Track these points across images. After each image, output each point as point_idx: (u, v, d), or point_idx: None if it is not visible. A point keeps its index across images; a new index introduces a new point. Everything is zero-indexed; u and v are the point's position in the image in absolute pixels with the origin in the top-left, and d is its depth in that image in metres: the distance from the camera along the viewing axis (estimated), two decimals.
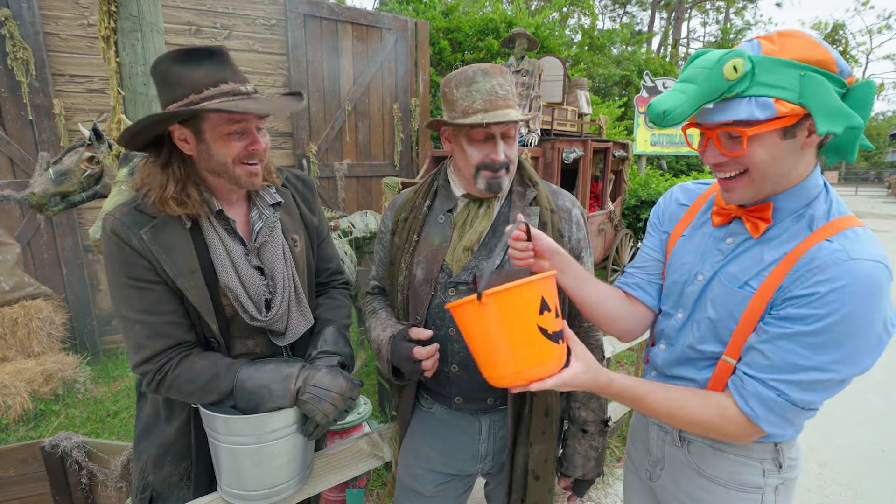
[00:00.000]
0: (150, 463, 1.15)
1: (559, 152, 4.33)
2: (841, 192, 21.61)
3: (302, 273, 1.22)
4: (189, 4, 4.30)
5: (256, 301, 1.11)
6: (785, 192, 0.87)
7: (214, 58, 0.99)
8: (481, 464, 1.26)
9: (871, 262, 0.76)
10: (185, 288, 1.03)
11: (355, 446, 1.33)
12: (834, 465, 2.76)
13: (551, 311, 0.83)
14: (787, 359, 0.81)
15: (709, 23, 35.92)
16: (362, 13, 5.26)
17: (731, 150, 0.83)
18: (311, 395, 1.03)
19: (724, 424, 0.87)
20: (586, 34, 14.50)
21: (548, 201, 1.18)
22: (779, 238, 0.88)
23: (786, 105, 0.76)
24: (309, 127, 5.04)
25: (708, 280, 0.97)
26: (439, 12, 7.78)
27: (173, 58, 0.97)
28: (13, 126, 3.75)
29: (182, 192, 1.02)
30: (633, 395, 0.91)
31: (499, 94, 1.07)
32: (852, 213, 0.85)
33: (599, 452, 1.28)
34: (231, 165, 1.03)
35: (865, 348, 0.77)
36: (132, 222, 1.00)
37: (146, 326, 1.01)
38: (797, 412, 0.83)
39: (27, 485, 2.01)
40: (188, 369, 1.03)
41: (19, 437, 3.01)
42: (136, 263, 1.00)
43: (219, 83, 0.98)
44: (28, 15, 3.66)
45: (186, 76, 0.96)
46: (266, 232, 1.14)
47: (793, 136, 0.80)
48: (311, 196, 1.32)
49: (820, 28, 35.07)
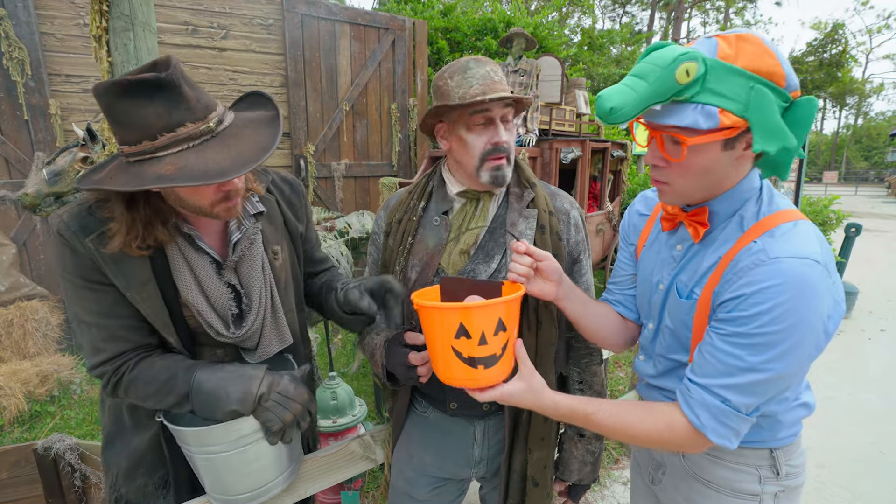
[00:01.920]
0: (120, 475, 1.10)
1: (557, 152, 4.32)
2: (841, 191, 21.61)
3: (283, 287, 1.14)
4: (185, 4, 4.29)
5: (223, 316, 1.03)
6: (720, 197, 0.87)
7: (164, 92, 0.82)
8: (475, 468, 1.25)
9: (795, 260, 0.75)
10: (136, 300, 0.95)
11: (347, 448, 1.31)
12: (832, 466, 2.75)
13: (472, 339, 0.83)
14: (726, 361, 0.81)
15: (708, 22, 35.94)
16: (360, 13, 5.25)
17: (672, 154, 0.83)
18: (273, 403, 0.96)
19: (672, 436, 0.86)
20: (586, 34, 14.49)
21: (546, 203, 1.16)
22: (716, 242, 0.88)
23: (729, 117, 0.75)
24: (307, 127, 5.02)
25: (667, 288, 0.97)
26: (437, 12, 7.77)
27: (116, 90, 0.81)
28: (8, 126, 3.73)
29: (147, 234, 0.92)
30: (581, 414, 0.90)
31: (494, 78, 1.07)
32: (786, 208, 0.84)
33: (596, 457, 1.27)
34: (207, 208, 0.94)
35: (801, 346, 0.77)
36: (78, 227, 0.92)
37: (102, 329, 0.95)
38: (741, 419, 0.82)
39: (20, 487, 1.99)
40: (146, 369, 0.97)
41: (14, 438, 2.99)
42: (86, 265, 0.93)
43: (174, 127, 0.83)
44: (24, 15, 3.65)
45: (136, 115, 0.82)
46: (245, 245, 1.06)
47: (731, 148, 0.80)
48: (299, 201, 1.24)
49: (820, 27, 35.08)
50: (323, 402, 2.15)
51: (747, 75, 0.74)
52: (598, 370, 1.26)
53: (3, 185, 3.68)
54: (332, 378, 2.24)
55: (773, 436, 0.95)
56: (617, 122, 0.79)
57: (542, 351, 1.12)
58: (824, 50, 34.94)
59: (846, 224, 5.50)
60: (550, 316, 1.12)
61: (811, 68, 34.69)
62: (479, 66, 1.08)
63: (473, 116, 1.07)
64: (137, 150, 0.85)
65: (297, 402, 0.98)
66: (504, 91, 1.06)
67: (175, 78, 0.83)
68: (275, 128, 0.94)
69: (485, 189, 1.15)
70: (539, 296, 1.00)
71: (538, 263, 0.97)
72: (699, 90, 0.75)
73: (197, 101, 0.87)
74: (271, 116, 0.98)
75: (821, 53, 35.07)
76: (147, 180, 0.83)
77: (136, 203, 0.92)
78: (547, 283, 1.00)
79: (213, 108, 0.90)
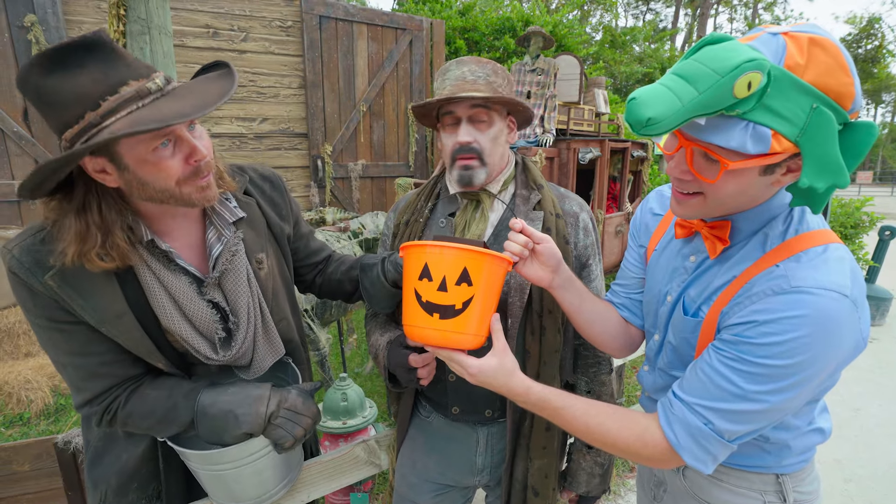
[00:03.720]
0: (111, 492, 1.02)
1: (575, 152, 4.25)
2: (876, 192, 20.75)
3: (271, 298, 1.06)
4: (207, 7, 4.37)
5: (210, 338, 0.96)
6: (745, 213, 0.78)
7: (97, 52, 0.72)
8: (478, 476, 1.22)
9: (821, 291, 0.66)
10: (113, 335, 0.86)
11: (352, 453, 1.30)
12: (860, 481, 2.62)
13: (433, 282, 0.82)
14: (719, 383, 0.74)
15: (736, 18, 35.02)
16: (377, 13, 5.26)
17: (703, 172, 0.71)
18: (283, 420, 0.93)
19: (642, 447, 0.80)
20: (608, 31, 14.27)
21: (553, 205, 1.13)
22: (732, 259, 0.81)
23: (782, 142, 0.63)
24: (324, 128, 5.07)
25: (675, 301, 0.90)
26: (455, 11, 7.75)
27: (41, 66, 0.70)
28: (38, 128, 3.86)
29: (105, 241, 0.80)
30: (552, 407, 0.83)
31: (467, 79, 1.07)
32: (818, 229, 0.75)
33: (605, 469, 1.23)
34: (175, 188, 0.81)
35: (806, 384, 0.70)
36: (33, 263, 0.80)
37: (79, 369, 0.87)
38: (721, 445, 0.76)
39: (41, 479, 2.05)
40: (140, 405, 0.90)
41: (40, 430, 3.10)
42: (47, 305, 0.82)
43: (116, 87, 0.73)
44: (53, 20, 3.77)
45: (69, 88, 0.71)
46: (227, 257, 0.95)
47: (771, 173, 0.70)
48: (281, 198, 1.13)
49: (854, 22, 33.77)
50: (333, 404, 2.16)
51: (813, 93, 0.62)
52: (607, 380, 1.22)
53: None
54: (343, 379, 2.25)
55: (779, 462, 0.89)
56: (651, 133, 0.64)
57: (545, 358, 1.09)
58: (859, 45, 33.62)
59: (880, 227, 5.26)
60: (555, 322, 1.09)
61: None
62: (457, 68, 1.08)
63: (444, 117, 1.10)
64: (81, 128, 0.73)
65: (307, 416, 0.96)
66: (473, 91, 1.05)
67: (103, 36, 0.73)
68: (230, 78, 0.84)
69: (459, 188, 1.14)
70: (533, 280, 0.95)
71: (535, 245, 0.92)
72: (754, 106, 0.62)
73: (135, 61, 0.77)
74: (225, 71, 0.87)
75: (855, 49, 33.75)
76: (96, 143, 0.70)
77: (89, 207, 0.80)
78: (543, 268, 0.93)
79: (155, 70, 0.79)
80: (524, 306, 1.07)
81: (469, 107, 1.06)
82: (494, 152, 1.10)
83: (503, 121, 1.12)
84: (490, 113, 1.08)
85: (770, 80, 0.61)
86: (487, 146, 1.08)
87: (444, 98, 1.04)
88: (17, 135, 3.80)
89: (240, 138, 4.71)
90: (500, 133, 1.11)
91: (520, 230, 0.91)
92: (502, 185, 1.16)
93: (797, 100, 0.62)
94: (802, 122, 0.62)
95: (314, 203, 5.05)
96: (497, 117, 1.10)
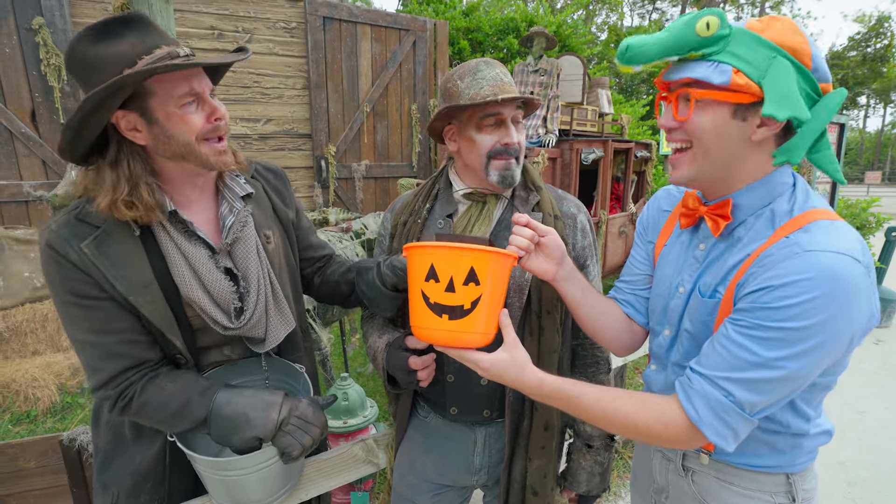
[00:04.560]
0: (122, 494, 1.04)
1: (578, 153, 4.24)
2: (884, 192, 20.52)
3: (278, 271, 1.11)
4: (212, 9, 4.40)
5: (226, 309, 1.01)
6: (745, 188, 0.82)
7: (134, 25, 0.85)
8: (476, 476, 1.23)
9: (832, 254, 0.69)
10: (140, 304, 0.92)
11: (350, 452, 1.31)
12: (864, 484, 2.61)
13: (440, 283, 0.82)
14: (736, 353, 0.75)
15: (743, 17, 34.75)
16: (381, 14, 5.28)
17: (682, 114, 0.81)
18: (293, 428, 0.96)
19: (662, 428, 0.79)
20: (613, 31, 14.20)
21: (551, 207, 1.14)
22: (743, 240, 0.83)
23: (742, 78, 0.74)
24: (328, 128, 5.09)
25: (689, 292, 0.91)
26: (459, 12, 7.75)
27: (88, 38, 0.83)
28: (46, 129, 3.91)
29: (132, 192, 0.89)
30: (567, 396, 0.84)
31: (504, 80, 1.07)
32: (822, 207, 0.79)
33: (605, 468, 1.24)
34: (195, 144, 0.91)
35: (822, 348, 0.71)
36: (70, 234, 0.88)
37: (97, 347, 0.91)
38: (742, 419, 0.76)
39: (47, 476, 2.08)
40: (156, 395, 0.93)
41: (47, 428, 3.13)
42: (76, 279, 0.89)
43: (151, 49, 0.84)
44: (60, 22, 3.81)
45: (110, 53, 0.82)
46: (238, 227, 1.03)
47: (742, 119, 0.77)
48: (285, 188, 1.21)
49: (863, 20, 33.44)
50: (334, 403, 2.17)
51: (771, 46, 0.73)
52: (606, 380, 1.22)
53: (41, 185, 3.86)
54: (344, 379, 2.26)
55: (791, 461, 0.89)
56: (633, 62, 0.80)
57: (543, 358, 1.09)
58: (868, 44, 33.28)
59: (887, 228, 5.22)
60: (553, 322, 1.09)
61: (853, 63, 33.10)
62: (489, 68, 1.08)
63: (485, 118, 1.07)
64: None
65: (317, 426, 0.98)
66: (514, 92, 1.06)
67: (142, 14, 0.88)
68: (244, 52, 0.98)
69: (493, 190, 1.14)
70: (538, 273, 0.95)
71: (540, 238, 0.93)
72: (719, 49, 0.75)
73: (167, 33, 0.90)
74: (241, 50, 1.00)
75: (864, 48, 33.41)
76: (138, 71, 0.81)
77: (120, 161, 0.90)
78: (548, 260, 0.94)
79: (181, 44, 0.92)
80: (523, 307, 1.08)
81: (514, 107, 1.08)
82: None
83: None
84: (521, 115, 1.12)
85: (731, 32, 0.75)
86: (524, 146, 1.13)
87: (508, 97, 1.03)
88: (25, 136, 3.84)
89: (244, 139, 4.74)
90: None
91: (525, 224, 0.92)
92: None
93: (758, 50, 0.74)
94: (763, 66, 0.73)
95: (318, 203, 5.08)
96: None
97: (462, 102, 1.05)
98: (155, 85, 0.86)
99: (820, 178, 4.63)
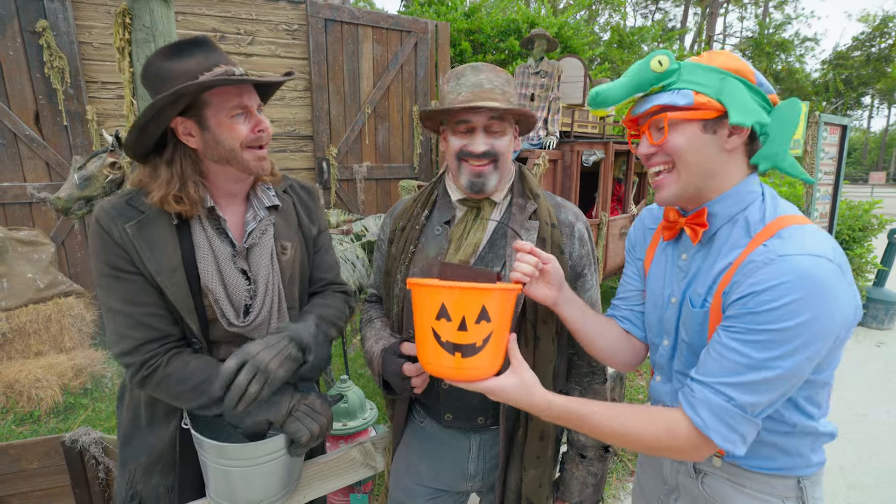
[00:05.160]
0: (138, 472, 1.13)
1: (578, 155, 4.24)
2: (888, 193, 20.42)
3: (287, 283, 1.18)
4: (214, 12, 4.42)
5: (237, 305, 1.10)
6: (718, 198, 0.88)
7: (202, 46, 1.01)
8: (471, 482, 1.24)
9: (805, 257, 0.74)
10: (165, 285, 1.02)
11: (347, 455, 1.32)
12: (866, 489, 2.60)
13: (452, 322, 0.82)
14: (732, 358, 0.79)
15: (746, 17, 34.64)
16: (382, 16, 5.29)
17: (657, 138, 0.88)
18: (302, 414, 1.03)
19: (671, 440, 0.82)
20: (615, 32, 14.18)
21: (549, 215, 1.14)
22: (724, 248, 0.88)
23: (703, 97, 0.83)
24: (329, 130, 5.11)
25: (680, 301, 0.95)
26: (461, 14, 7.76)
27: (163, 55, 0.99)
28: (49, 131, 3.94)
29: (182, 188, 1.02)
30: (576, 416, 0.86)
31: (484, 87, 1.07)
32: (791, 213, 0.84)
33: (599, 479, 1.24)
34: (239, 150, 1.03)
35: (811, 345, 0.75)
36: (118, 214, 1.01)
37: (127, 317, 1.01)
38: (746, 421, 0.79)
39: (49, 477, 2.10)
40: (181, 369, 1.01)
41: (49, 428, 3.16)
42: (114, 253, 1.00)
43: (212, 67, 0.99)
44: (63, 25, 3.84)
45: (178, 68, 0.97)
46: (257, 234, 1.13)
47: (713, 132, 0.85)
48: (314, 205, 1.31)
49: (868, 20, 33.27)
50: (335, 405, 2.18)
51: (718, 70, 0.84)
52: (601, 389, 1.22)
53: (44, 187, 3.89)
54: (344, 381, 2.27)
55: (801, 463, 0.90)
56: (604, 105, 0.91)
57: (539, 368, 1.10)
58: (872, 44, 33.11)
59: (889, 230, 5.20)
60: (549, 332, 1.10)
61: (857, 64, 32.92)
62: (474, 74, 1.08)
63: (459, 124, 1.08)
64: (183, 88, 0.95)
65: (324, 416, 1.06)
66: (492, 100, 1.05)
67: (208, 37, 1.03)
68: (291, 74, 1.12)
69: (468, 195, 1.14)
70: (539, 299, 0.97)
71: (542, 265, 0.95)
72: (675, 79, 0.85)
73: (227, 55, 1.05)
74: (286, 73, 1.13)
75: (868, 48, 33.24)
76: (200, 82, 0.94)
77: (175, 161, 1.03)
78: (549, 286, 0.97)
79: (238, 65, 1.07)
80: (518, 317, 1.09)
81: (487, 117, 1.07)
82: (508, 159, 1.12)
83: (512, 130, 1.14)
84: (503, 123, 1.09)
85: (681, 66, 0.86)
86: (504, 151, 1.10)
87: (464, 107, 1.03)
88: (28, 138, 3.87)
89: None
90: (510, 142, 1.13)
91: (529, 251, 0.94)
92: (505, 191, 1.17)
93: (708, 74, 0.84)
94: (717, 87, 0.83)
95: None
96: (508, 127, 1.11)
97: (441, 107, 1.08)
98: (211, 97, 0.99)
99: (822, 179, 4.62)
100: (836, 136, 4.70)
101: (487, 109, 1.04)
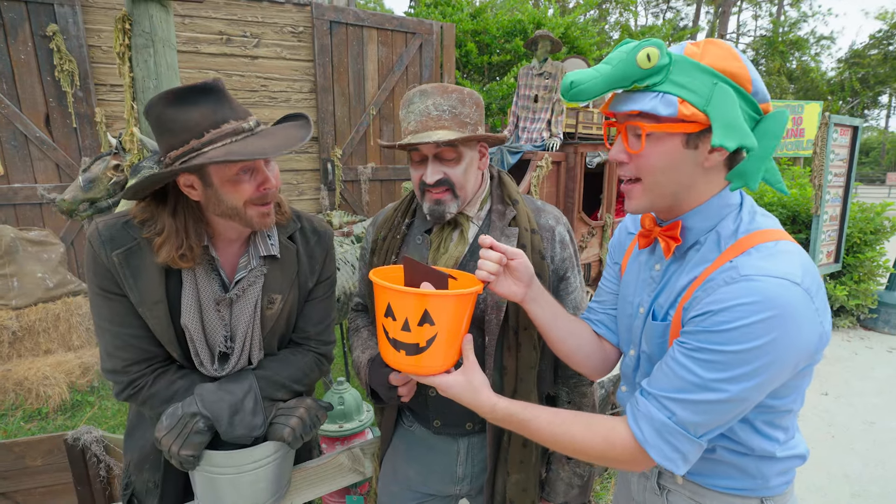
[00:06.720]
0: (132, 464, 1.16)
1: (582, 157, 4.22)
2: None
3: (268, 334, 1.13)
4: (220, 15, 4.47)
5: (213, 349, 1.07)
6: (692, 211, 0.84)
7: (210, 95, 0.92)
8: (459, 486, 1.24)
9: (769, 279, 0.69)
10: (146, 316, 1.01)
11: (336, 461, 1.33)
12: (871, 498, 2.55)
13: (396, 321, 0.84)
14: (680, 374, 0.76)
15: (760, 15, 34.14)
16: (387, 18, 5.31)
17: (634, 147, 0.81)
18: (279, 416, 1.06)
19: (609, 448, 0.80)
20: (625, 31, 14.07)
21: (528, 221, 1.13)
22: (692, 261, 0.84)
23: (689, 108, 0.74)
24: (334, 131, 5.13)
25: (647, 311, 0.92)
26: (466, 15, 7.74)
27: (166, 100, 0.91)
28: (59, 133, 4.01)
29: (185, 243, 0.98)
30: (518, 419, 0.85)
31: (431, 114, 1.04)
32: (768, 228, 0.79)
33: (585, 480, 1.23)
34: (242, 208, 0.98)
35: (763, 373, 0.71)
36: (109, 238, 0.98)
37: (115, 336, 1.01)
38: (688, 440, 0.76)
39: (52, 474, 2.14)
40: (165, 388, 1.03)
41: (57, 425, 3.22)
42: (103, 275, 0.99)
43: (219, 124, 0.91)
44: (73, 29, 3.91)
45: (182, 119, 0.90)
46: (244, 285, 1.07)
47: (695, 147, 0.78)
48: (321, 253, 1.21)
49: (886, 17, 32.61)
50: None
51: (711, 72, 0.74)
52: (588, 391, 1.22)
53: (54, 188, 3.96)
54: (341, 383, 2.28)
55: (765, 484, 0.87)
56: (578, 98, 0.80)
57: (522, 374, 1.09)
58: (890, 42, 32.45)
59: None
60: (530, 338, 1.09)
61: (875, 62, 32.26)
62: (421, 101, 1.05)
63: (413, 153, 1.08)
64: (184, 151, 0.91)
65: (300, 407, 1.08)
66: (440, 129, 1.03)
67: (219, 84, 0.94)
68: (306, 127, 1.04)
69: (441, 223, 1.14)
70: (506, 296, 0.95)
71: (509, 261, 0.92)
72: (662, 80, 0.75)
73: (238, 106, 0.97)
74: (302, 122, 1.07)
75: (886, 46, 32.57)
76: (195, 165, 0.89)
77: (179, 212, 0.99)
78: (517, 283, 0.94)
79: (251, 114, 1.00)
80: (500, 323, 1.08)
81: (435, 147, 1.04)
82: (466, 183, 1.10)
83: (474, 150, 1.11)
84: (458, 149, 1.06)
85: (672, 61, 0.75)
86: (459, 179, 1.08)
87: (402, 143, 1.03)
88: (39, 140, 3.95)
89: None
90: (471, 163, 1.10)
91: (489, 246, 0.91)
92: (479, 205, 1.17)
93: (700, 77, 0.74)
94: (706, 94, 0.74)
95: (324, 206, 5.12)
96: (466, 150, 1.08)
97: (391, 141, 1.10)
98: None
99: (832, 181, 4.54)
100: (847, 138, 4.62)
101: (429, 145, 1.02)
